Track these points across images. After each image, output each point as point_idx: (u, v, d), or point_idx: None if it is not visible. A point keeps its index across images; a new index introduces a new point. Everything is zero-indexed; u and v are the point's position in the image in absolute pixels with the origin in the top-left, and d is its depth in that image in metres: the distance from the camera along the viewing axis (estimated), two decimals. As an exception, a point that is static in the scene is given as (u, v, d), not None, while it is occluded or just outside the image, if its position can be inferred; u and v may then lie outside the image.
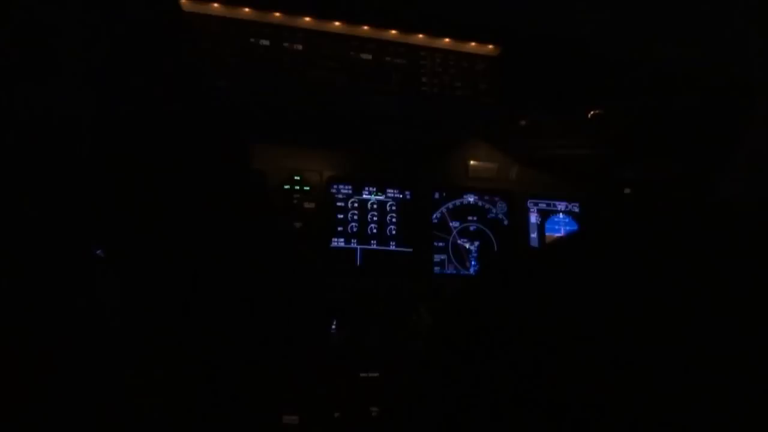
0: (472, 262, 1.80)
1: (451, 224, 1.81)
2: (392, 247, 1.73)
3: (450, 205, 1.82)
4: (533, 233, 1.89)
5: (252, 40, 1.46)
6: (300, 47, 1.49)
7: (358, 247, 1.70)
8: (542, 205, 1.92)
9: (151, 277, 0.83)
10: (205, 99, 0.86)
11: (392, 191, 1.78)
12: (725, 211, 0.37)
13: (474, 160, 1.86)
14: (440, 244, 1.79)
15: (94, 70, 0.66)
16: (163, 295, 0.83)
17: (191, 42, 0.77)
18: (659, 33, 1.53)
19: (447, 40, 1.58)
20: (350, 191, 1.74)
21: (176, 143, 0.80)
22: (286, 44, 1.49)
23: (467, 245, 1.81)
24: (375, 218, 1.74)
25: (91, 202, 0.73)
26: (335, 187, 1.73)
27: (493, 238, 1.84)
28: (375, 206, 1.75)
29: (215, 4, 1.41)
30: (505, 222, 1.86)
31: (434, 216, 1.80)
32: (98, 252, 0.74)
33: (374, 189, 1.76)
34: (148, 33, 0.70)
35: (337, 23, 1.50)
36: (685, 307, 0.30)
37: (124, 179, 0.75)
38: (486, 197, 1.86)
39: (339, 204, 1.72)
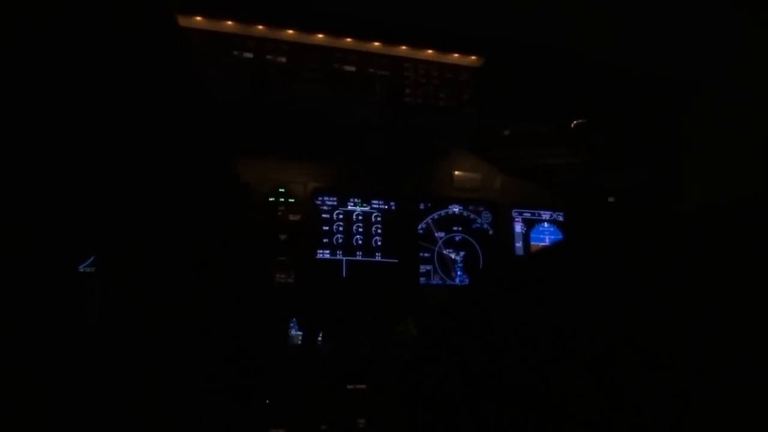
0: (458, 272, 1.80)
1: (436, 234, 1.81)
2: (378, 258, 1.73)
3: (435, 215, 1.82)
4: (518, 242, 1.89)
5: (235, 52, 1.46)
6: (283, 59, 1.50)
7: (344, 258, 1.70)
8: (527, 215, 1.92)
9: (136, 287, 0.82)
10: (197, 110, 0.86)
11: (377, 202, 1.78)
12: (686, 219, 0.37)
13: (458, 170, 1.86)
14: (426, 254, 1.79)
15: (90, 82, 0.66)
16: (148, 305, 0.83)
17: (187, 56, 0.77)
18: (642, 43, 1.55)
19: (430, 51, 1.60)
20: (335, 203, 1.74)
21: (162, 153, 0.80)
22: (269, 56, 1.49)
23: (453, 255, 1.81)
24: (360, 229, 1.74)
25: (79, 212, 0.72)
26: (320, 198, 1.73)
27: (478, 248, 1.84)
28: (360, 217, 1.75)
29: (198, 17, 1.42)
30: (490, 232, 1.87)
31: (420, 226, 1.80)
32: (85, 267, 0.74)
33: (359, 200, 1.76)
34: (146, 48, 0.70)
35: (320, 35, 1.50)
36: (656, 310, 0.31)
37: (110, 189, 0.74)
38: (471, 207, 1.87)
39: (324, 215, 1.72)
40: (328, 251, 1.69)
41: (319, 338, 1.53)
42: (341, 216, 1.73)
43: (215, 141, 0.93)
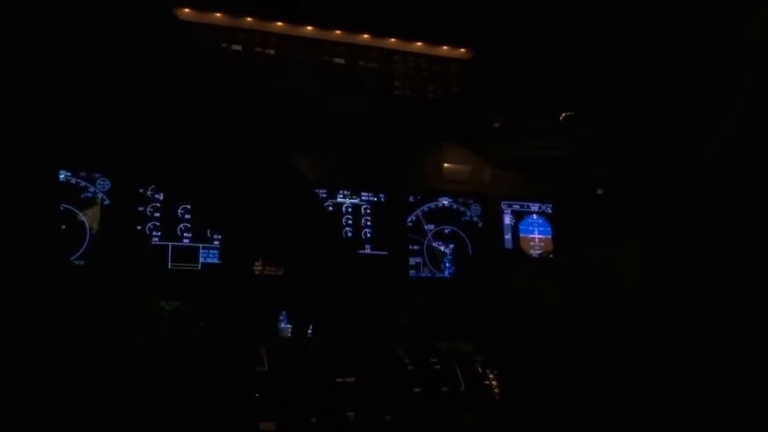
0: (447, 265, 1.80)
1: (426, 227, 1.81)
2: (367, 251, 1.73)
3: (425, 208, 1.82)
4: (507, 235, 1.90)
5: (224, 45, 1.45)
6: (272, 52, 1.49)
7: (334, 251, 1.70)
8: (516, 207, 1.93)
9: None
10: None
11: (367, 194, 1.77)
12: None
13: (448, 162, 1.86)
14: (415, 247, 1.79)
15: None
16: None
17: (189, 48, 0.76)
18: (631, 35, 1.55)
19: (419, 43, 1.59)
20: (324, 195, 1.74)
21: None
22: (258, 49, 1.48)
23: (442, 248, 1.82)
24: (350, 221, 1.74)
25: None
26: (309, 191, 1.72)
27: (467, 241, 1.84)
28: (350, 209, 1.75)
29: (186, 9, 1.40)
30: (480, 224, 1.87)
31: (409, 219, 1.80)
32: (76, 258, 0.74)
33: (348, 192, 1.76)
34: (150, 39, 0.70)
35: (309, 27, 1.49)
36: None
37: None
38: (460, 200, 1.87)
39: (313, 208, 1.71)
40: (317, 244, 1.69)
41: (309, 331, 1.53)
42: (331, 208, 1.73)
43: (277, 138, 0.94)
